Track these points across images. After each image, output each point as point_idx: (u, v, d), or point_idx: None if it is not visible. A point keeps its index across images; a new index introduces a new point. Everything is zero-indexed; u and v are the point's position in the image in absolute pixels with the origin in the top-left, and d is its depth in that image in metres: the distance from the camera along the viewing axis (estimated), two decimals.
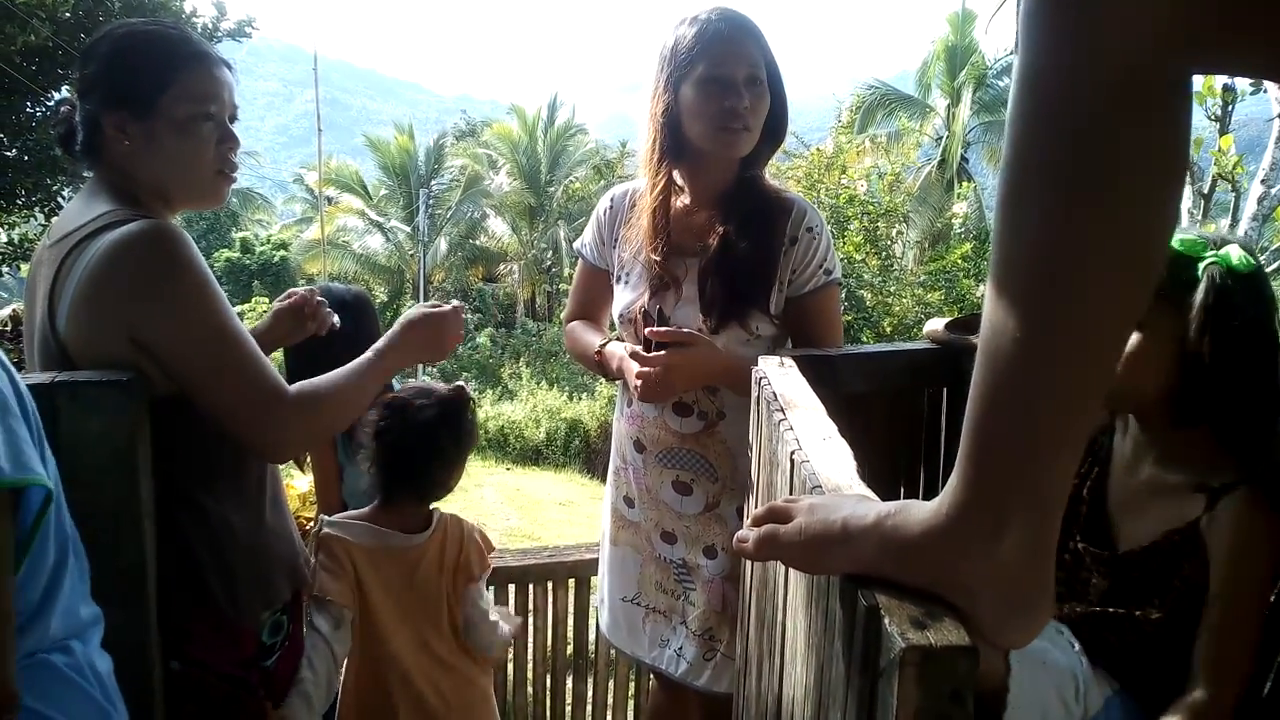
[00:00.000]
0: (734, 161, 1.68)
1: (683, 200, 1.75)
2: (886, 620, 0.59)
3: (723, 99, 1.59)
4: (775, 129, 1.70)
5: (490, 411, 16.54)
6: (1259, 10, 0.45)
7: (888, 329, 9.68)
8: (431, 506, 1.71)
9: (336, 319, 1.77)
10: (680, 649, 1.80)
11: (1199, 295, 1.09)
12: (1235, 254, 1.10)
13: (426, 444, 1.62)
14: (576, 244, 1.98)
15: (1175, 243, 1.11)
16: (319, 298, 1.74)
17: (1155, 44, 0.48)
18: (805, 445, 1.00)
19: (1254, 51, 0.48)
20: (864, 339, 9.20)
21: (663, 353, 1.61)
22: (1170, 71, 0.49)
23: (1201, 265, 1.10)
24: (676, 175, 1.74)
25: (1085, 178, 0.51)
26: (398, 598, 1.62)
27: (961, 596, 0.60)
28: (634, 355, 1.65)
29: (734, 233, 1.66)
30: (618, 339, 1.85)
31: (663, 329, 1.64)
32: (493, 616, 1.76)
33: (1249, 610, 1.05)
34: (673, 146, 1.68)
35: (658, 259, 1.70)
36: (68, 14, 7.59)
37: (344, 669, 1.65)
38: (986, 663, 0.60)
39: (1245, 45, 0.47)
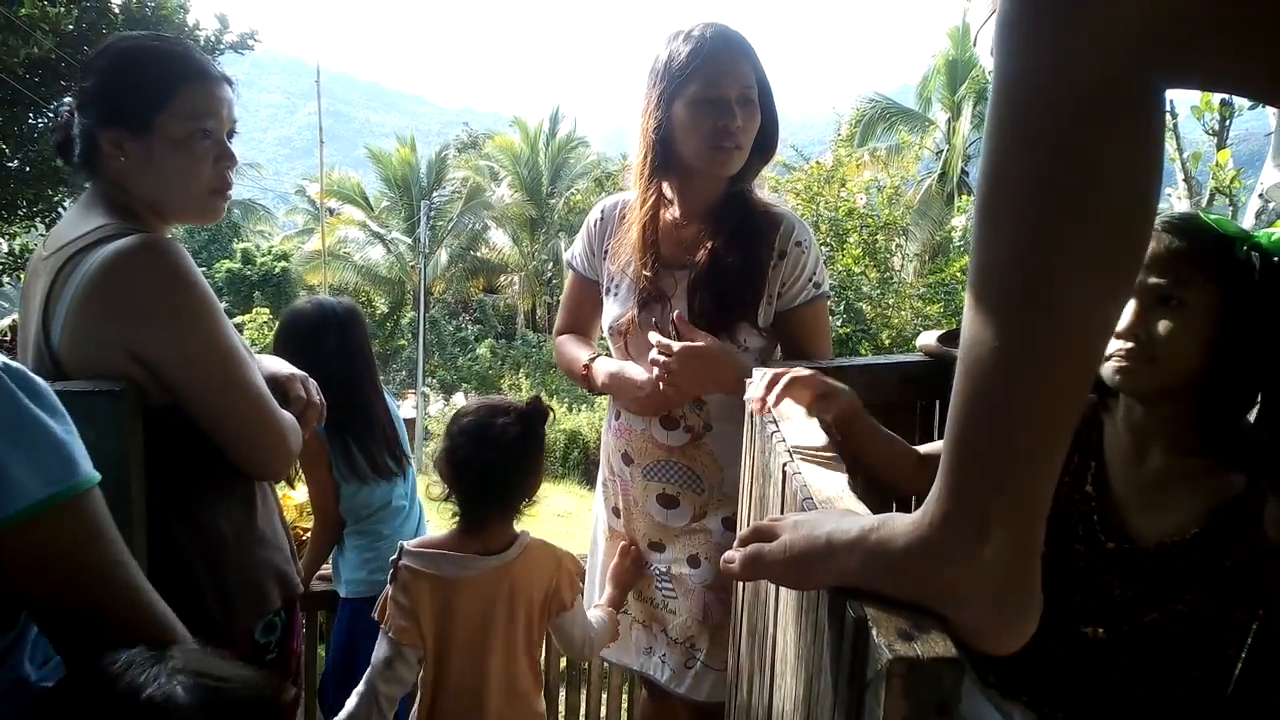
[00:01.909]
0: (721, 177, 1.69)
1: (672, 213, 1.75)
2: (874, 632, 0.59)
3: (716, 118, 1.59)
4: (765, 144, 1.70)
5: None
6: (1228, 26, 0.45)
7: (886, 341, 9.68)
8: (518, 528, 1.65)
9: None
10: (664, 655, 1.81)
11: (1256, 274, 1.06)
12: (1276, 234, 1.08)
13: (512, 463, 1.56)
14: (567, 255, 1.98)
15: (1213, 221, 1.10)
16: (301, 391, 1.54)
17: (1126, 56, 0.48)
18: (797, 457, 1.00)
19: (1224, 66, 0.48)
20: (862, 351, 9.21)
21: (680, 344, 1.59)
22: (1141, 83, 0.50)
23: (1246, 246, 1.08)
24: (667, 189, 1.75)
25: (1060, 188, 0.51)
26: (476, 626, 1.56)
27: (949, 606, 0.60)
28: (659, 345, 1.61)
29: (723, 246, 1.66)
30: (605, 353, 1.85)
31: (684, 324, 1.63)
32: (592, 630, 1.73)
33: None
34: (664, 161, 1.68)
35: (648, 274, 1.70)
36: (71, 26, 7.62)
37: (418, 700, 1.60)
38: None
39: (1215, 59, 0.48)
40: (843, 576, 0.65)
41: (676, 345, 1.59)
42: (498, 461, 1.54)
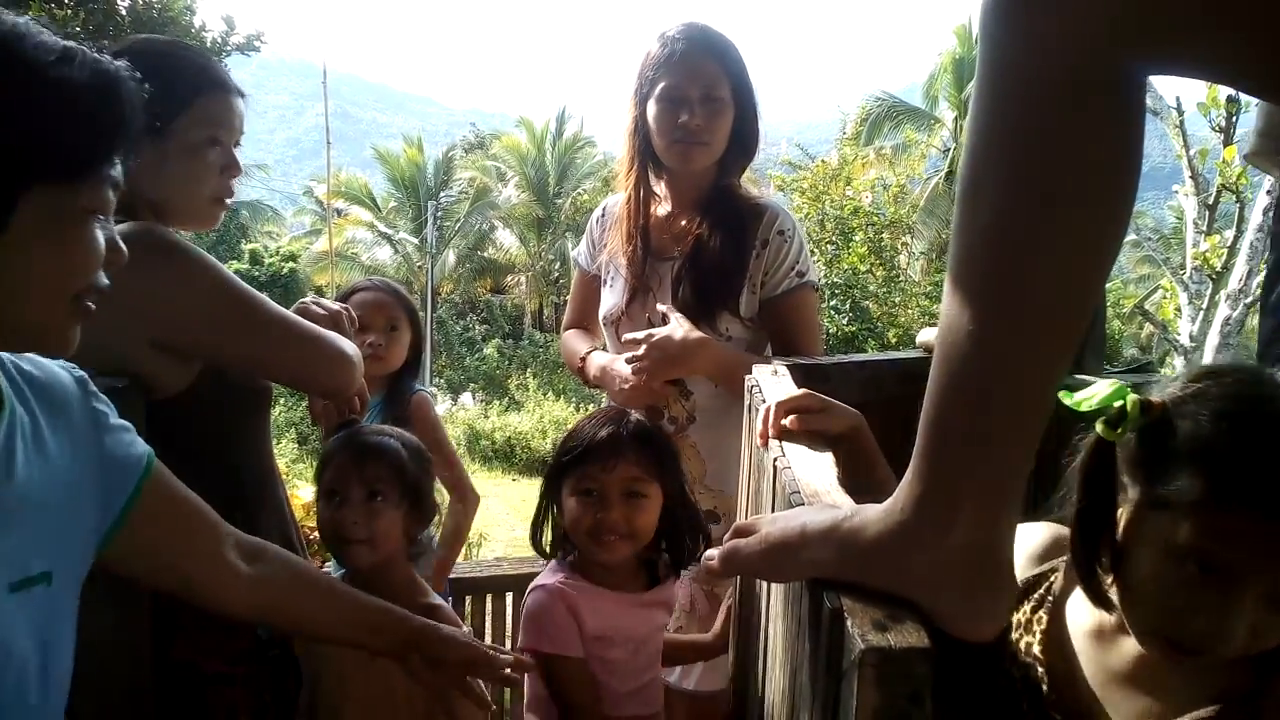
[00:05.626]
0: (707, 171, 1.74)
1: (664, 208, 1.82)
2: (849, 622, 0.60)
3: (676, 115, 1.66)
4: (744, 141, 1.75)
5: (497, 422, 16.57)
6: (1204, 13, 0.45)
7: (893, 339, 9.66)
8: None
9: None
10: None
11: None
12: None
13: None
14: (574, 252, 2.05)
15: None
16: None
17: (1102, 41, 0.48)
18: (788, 451, 1.02)
19: (1201, 53, 0.48)
20: (869, 349, 9.19)
21: (645, 333, 1.65)
22: (1117, 69, 0.50)
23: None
24: (661, 184, 1.82)
25: (1035, 172, 0.52)
26: None
27: (922, 592, 0.61)
28: (625, 342, 1.69)
29: (706, 237, 1.72)
30: (602, 347, 1.91)
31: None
32: None
33: None
34: (647, 158, 1.77)
35: (632, 266, 1.77)
36: (77, 29, 7.67)
37: None
38: None
39: (1193, 46, 0.48)
40: (818, 567, 0.65)
41: (641, 335, 1.64)
42: None
